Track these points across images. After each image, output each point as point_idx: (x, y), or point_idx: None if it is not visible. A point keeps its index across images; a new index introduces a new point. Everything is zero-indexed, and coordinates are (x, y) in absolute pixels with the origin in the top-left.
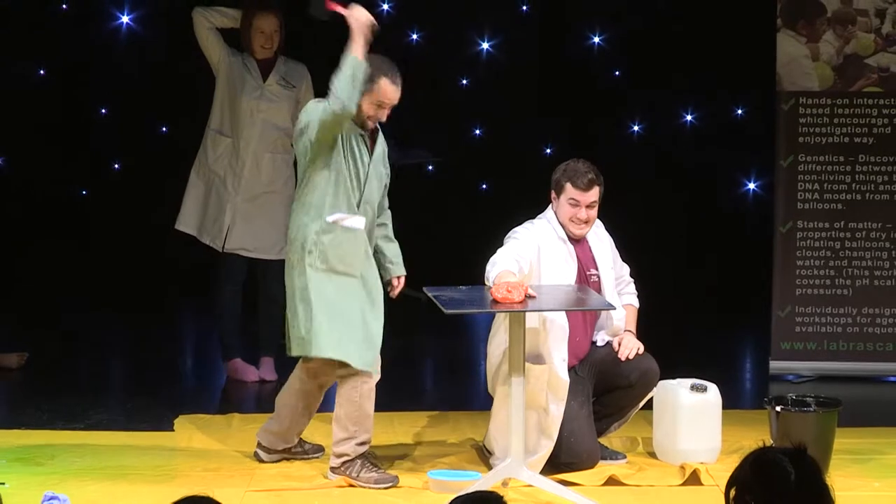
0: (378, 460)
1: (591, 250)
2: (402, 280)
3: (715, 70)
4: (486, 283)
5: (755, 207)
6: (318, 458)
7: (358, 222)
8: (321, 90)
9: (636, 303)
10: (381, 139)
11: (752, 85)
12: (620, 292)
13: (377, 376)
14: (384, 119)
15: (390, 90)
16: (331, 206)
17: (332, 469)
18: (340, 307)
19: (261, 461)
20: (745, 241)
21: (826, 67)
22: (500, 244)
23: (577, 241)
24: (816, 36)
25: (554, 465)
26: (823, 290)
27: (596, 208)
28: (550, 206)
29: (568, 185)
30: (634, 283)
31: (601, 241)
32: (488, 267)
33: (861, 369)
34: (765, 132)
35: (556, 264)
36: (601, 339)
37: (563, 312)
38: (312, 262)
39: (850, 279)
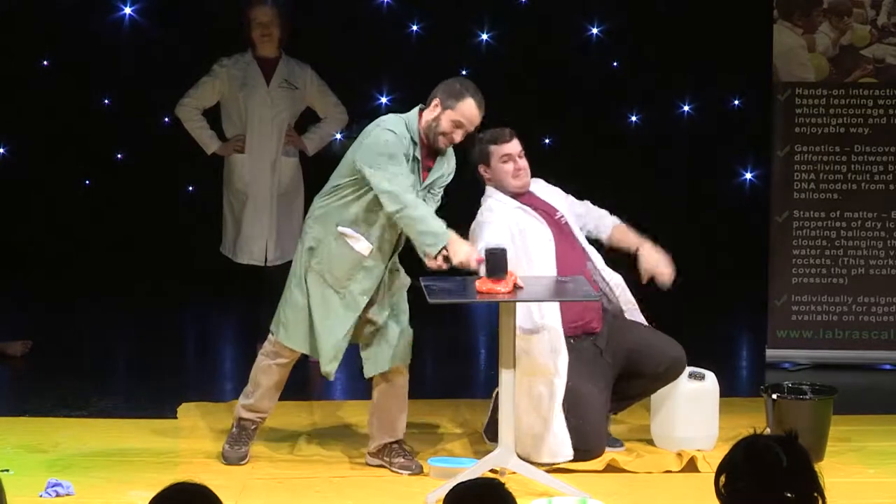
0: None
1: (540, 197)
2: None
3: (712, 61)
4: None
5: (752, 197)
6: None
7: (364, 248)
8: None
9: (620, 221)
10: (444, 163)
11: (749, 76)
12: (600, 222)
13: (290, 359)
14: (458, 140)
15: (473, 112)
16: (352, 223)
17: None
18: (310, 308)
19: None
20: (742, 231)
21: (822, 58)
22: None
23: (527, 197)
24: (812, 27)
25: None
26: (819, 279)
27: (524, 156)
28: (487, 185)
29: (493, 147)
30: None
31: (543, 188)
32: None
33: (857, 357)
34: (761, 123)
35: (529, 229)
36: (625, 304)
37: (552, 257)
38: (309, 259)
39: (846, 268)
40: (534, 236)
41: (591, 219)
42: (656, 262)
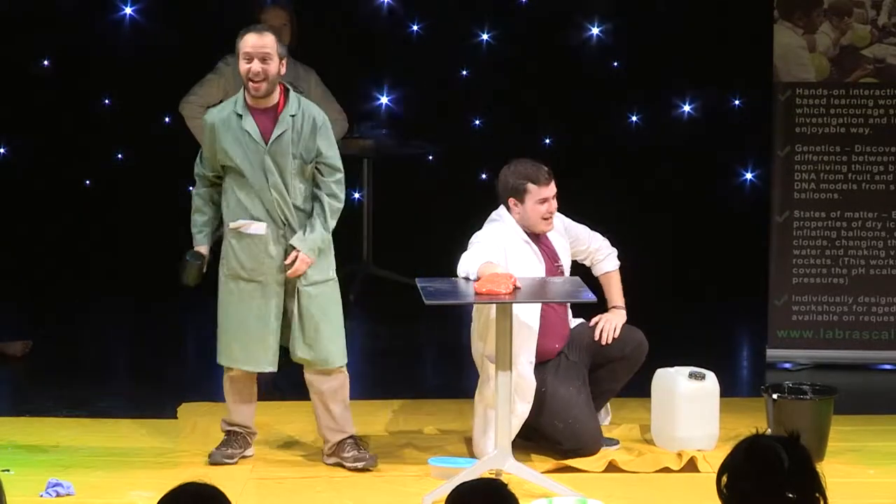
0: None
1: (551, 242)
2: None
3: (712, 61)
4: (462, 276)
5: (752, 197)
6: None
7: (259, 229)
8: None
9: (613, 266)
10: (287, 114)
11: (749, 76)
12: (595, 262)
13: (248, 368)
14: (263, 71)
15: (251, 38)
16: (235, 214)
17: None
18: (232, 312)
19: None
20: (743, 231)
21: (822, 58)
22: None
23: (539, 238)
24: (813, 27)
25: (560, 453)
26: (820, 279)
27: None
28: (504, 209)
29: (531, 186)
30: (617, 256)
31: (556, 230)
32: (462, 265)
33: (857, 357)
34: (762, 123)
35: (525, 265)
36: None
37: (536, 313)
38: (220, 270)
39: (847, 268)
40: (526, 270)
41: (589, 251)
42: (609, 325)
